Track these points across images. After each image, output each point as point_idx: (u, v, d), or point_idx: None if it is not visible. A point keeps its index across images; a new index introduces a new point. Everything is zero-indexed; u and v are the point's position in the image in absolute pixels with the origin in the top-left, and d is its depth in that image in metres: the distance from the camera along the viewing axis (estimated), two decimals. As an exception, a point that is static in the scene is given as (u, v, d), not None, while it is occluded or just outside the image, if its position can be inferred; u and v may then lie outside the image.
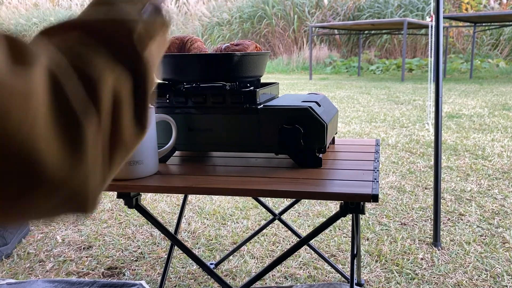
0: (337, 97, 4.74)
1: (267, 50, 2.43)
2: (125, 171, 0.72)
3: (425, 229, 1.47)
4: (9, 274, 1.25)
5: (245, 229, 1.51)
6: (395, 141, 2.66)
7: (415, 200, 1.73)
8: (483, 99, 4.35)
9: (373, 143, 0.96)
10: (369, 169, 0.76)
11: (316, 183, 0.69)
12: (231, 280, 1.20)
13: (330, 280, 1.19)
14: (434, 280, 1.17)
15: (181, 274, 1.23)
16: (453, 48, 8.63)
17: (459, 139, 2.70)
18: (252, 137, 0.79)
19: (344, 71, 8.46)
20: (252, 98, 0.78)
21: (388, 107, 4.01)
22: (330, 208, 1.67)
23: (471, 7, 8.68)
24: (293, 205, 1.20)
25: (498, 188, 1.84)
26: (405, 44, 6.16)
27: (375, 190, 0.65)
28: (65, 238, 1.47)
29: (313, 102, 0.80)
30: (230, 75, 0.80)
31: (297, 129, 0.75)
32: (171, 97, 0.82)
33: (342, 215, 0.68)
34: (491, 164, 2.18)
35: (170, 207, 1.72)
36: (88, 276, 1.24)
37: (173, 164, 0.83)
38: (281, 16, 10.05)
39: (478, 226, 1.49)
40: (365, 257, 1.30)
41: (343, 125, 3.22)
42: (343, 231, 1.47)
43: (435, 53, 1.34)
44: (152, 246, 1.40)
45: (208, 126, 0.81)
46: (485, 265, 1.24)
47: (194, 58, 0.80)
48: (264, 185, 0.69)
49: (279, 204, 1.74)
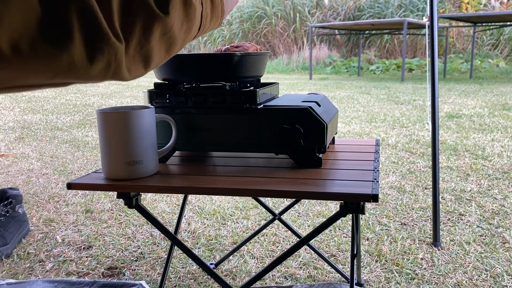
0: (337, 97, 4.74)
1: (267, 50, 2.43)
2: (125, 171, 0.72)
3: (425, 229, 1.47)
4: (9, 274, 1.25)
5: (245, 229, 1.51)
6: (395, 141, 2.66)
7: (415, 200, 1.73)
8: (483, 99, 4.35)
9: (373, 143, 0.96)
10: (369, 169, 0.76)
11: (316, 183, 0.69)
12: (231, 280, 1.20)
13: (330, 280, 1.19)
14: (434, 280, 1.17)
15: (181, 274, 1.23)
16: (453, 48, 8.63)
17: (459, 139, 2.70)
18: (252, 137, 0.79)
19: (344, 71, 8.46)
20: (252, 98, 0.78)
21: (388, 107, 4.01)
22: (330, 208, 1.67)
23: (471, 7, 8.67)
24: (293, 205, 1.21)
25: (498, 188, 1.84)
26: (405, 44, 6.16)
27: (375, 190, 0.65)
28: (65, 238, 1.47)
29: (313, 102, 0.80)
30: (230, 75, 0.80)
31: (297, 129, 0.75)
32: (171, 97, 0.82)
33: (342, 215, 0.68)
34: (491, 164, 2.18)
35: (170, 207, 1.72)
36: (88, 276, 1.24)
37: (173, 164, 0.83)
38: (281, 16, 10.05)
39: (478, 226, 1.49)
40: (365, 257, 1.30)
41: (343, 125, 3.22)
42: (343, 231, 1.47)
43: (431, 52, 1.34)
44: (152, 246, 1.40)
45: (208, 126, 0.81)
46: (485, 265, 1.24)
47: (194, 58, 0.80)
48: (264, 185, 0.69)
49: (279, 204, 1.74)
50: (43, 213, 1.68)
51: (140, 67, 0.37)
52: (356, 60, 8.61)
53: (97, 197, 1.84)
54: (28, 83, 0.31)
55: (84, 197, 1.84)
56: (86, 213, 1.67)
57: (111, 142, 0.71)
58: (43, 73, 0.29)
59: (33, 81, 0.30)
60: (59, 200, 1.81)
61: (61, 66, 0.30)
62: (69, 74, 0.31)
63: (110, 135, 0.71)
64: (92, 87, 6.25)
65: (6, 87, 0.30)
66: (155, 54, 0.37)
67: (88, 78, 0.33)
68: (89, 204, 1.76)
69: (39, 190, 1.93)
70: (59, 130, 3.22)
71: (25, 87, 0.31)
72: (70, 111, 4.10)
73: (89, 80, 0.33)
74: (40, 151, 2.61)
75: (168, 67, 0.81)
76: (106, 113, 0.71)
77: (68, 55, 0.29)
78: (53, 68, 0.29)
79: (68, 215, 1.66)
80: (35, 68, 0.29)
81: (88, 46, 0.30)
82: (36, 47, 0.28)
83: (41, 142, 2.86)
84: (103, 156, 0.73)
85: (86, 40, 0.30)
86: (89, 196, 1.85)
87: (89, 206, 1.74)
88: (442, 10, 8.81)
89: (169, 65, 0.81)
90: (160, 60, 0.39)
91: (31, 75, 0.29)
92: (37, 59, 0.28)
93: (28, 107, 4.39)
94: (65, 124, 3.47)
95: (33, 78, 0.30)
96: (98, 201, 1.79)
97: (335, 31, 8.30)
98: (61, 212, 1.69)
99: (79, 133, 3.10)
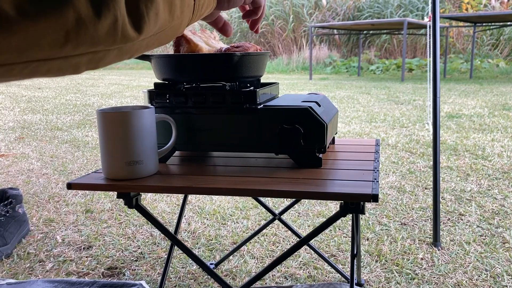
0: (337, 97, 4.74)
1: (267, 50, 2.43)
2: (125, 171, 0.72)
3: (425, 229, 1.47)
4: (9, 274, 1.25)
5: (245, 229, 1.51)
6: (395, 141, 2.66)
7: (415, 200, 1.73)
8: (483, 99, 4.35)
9: (373, 143, 0.96)
10: (369, 169, 0.76)
11: (316, 183, 0.69)
12: (231, 280, 1.20)
13: (330, 280, 1.19)
14: (434, 280, 1.17)
15: (181, 274, 1.23)
16: (453, 48, 8.63)
17: (459, 139, 2.70)
18: (252, 137, 0.79)
19: (344, 71, 8.46)
20: (252, 98, 0.78)
21: (388, 107, 4.01)
22: (330, 208, 1.67)
23: (471, 7, 8.68)
24: (293, 205, 1.21)
25: (498, 188, 1.84)
26: (405, 44, 6.16)
27: (375, 190, 0.65)
28: (65, 238, 1.47)
29: (313, 102, 0.80)
30: (230, 75, 0.80)
31: (297, 129, 0.75)
32: (171, 97, 0.82)
33: (342, 215, 0.68)
34: (491, 164, 2.18)
35: (170, 207, 1.72)
36: (88, 276, 1.24)
37: (173, 164, 0.83)
38: (280, 17, 10.04)
39: (478, 226, 1.49)
40: (365, 257, 1.30)
41: (343, 125, 3.22)
42: (343, 231, 1.47)
43: (432, 52, 1.34)
44: (152, 246, 1.40)
45: (208, 126, 0.81)
46: (485, 265, 1.24)
47: (194, 58, 0.80)
48: (264, 185, 0.69)
49: (279, 204, 1.74)
50: (43, 213, 1.68)
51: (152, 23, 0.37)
52: (356, 60, 8.61)
53: (97, 197, 1.84)
54: (42, 55, 0.30)
55: (84, 197, 1.84)
56: (86, 213, 1.67)
57: (111, 142, 0.71)
58: (53, 33, 0.29)
59: (47, 51, 0.30)
60: (59, 200, 1.81)
61: (68, 23, 0.30)
62: (79, 33, 0.31)
63: (110, 135, 0.71)
64: (92, 87, 6.25)
65: (23, 61, 0.30)
66: (161, 11, 0.38)
67: (99, 39, 0.32)
68: (89, 204, 1.76)
69: (39, 190, 1.93)
70: (59, 130, 3.22)
71: (41, 60, 0.31)
72: (70, 111, 4.10)
73: (101, 41, 0.33)
74: (40, 151, 2.61)
75: (168, 67, 0.81)
76: (106, 113, 0.71)
77: (74, 10, 0.30)
78: (61, 26, 0.29)
79: (68, 215, 1.66)
80: (45, 29, 0.29)
81: (92, 0, 0.31)
82: (41, 5, 0.28)
83: (41, 142, 2.86)
84: (103, 156, 0.73)
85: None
86: (89, 196, 1.85)
87: (89, 206, 1.74)
88: (442, 10, 8.82)
89: (169, 65, 0.81)
90: (165, 20, 0.39)
91: (44, 40, 0.29)
92: (44, 18, 0.28)
93: (28, 107, 4.39)
94: (65, 124, 3.47)
95: (48, 45, 0.30)
96: (98, 201, 1.79)
97: (334, 31, 8.30)
98: (61, 212, 1.69)
99: (79, 133, 3.10)
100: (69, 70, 0.34)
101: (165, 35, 0.42)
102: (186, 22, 0.45)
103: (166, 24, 0.40)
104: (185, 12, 0.43)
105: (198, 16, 0.48)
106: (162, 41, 0.42)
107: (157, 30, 0.39)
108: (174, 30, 0.43)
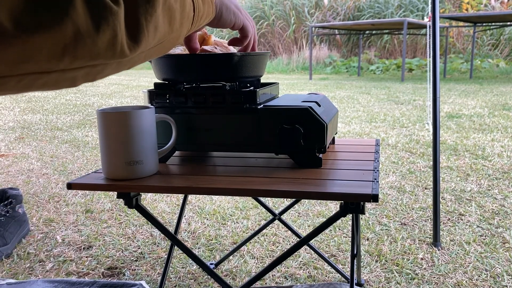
0: (337, 97, 4.74)
1: (267, 50, 2.43)
2: (125, 171, 0.72)
3: (425, 229, 1.47)
4: (9, 274, 1.25)
5: (245, 229, 1.51)
6: (395, 141, 2.66)
7: (415, 200, 1.73)
8: (483, 99, 4.35)
9: (373, 143, 0.96)
10: (369, 169, 0.76)
11: (316, 183, 0.69)
12: (231, 280, 1.20)
13: (330, 280, 1.19)
14: (434, 280, 1.17)
15: (181, 274, 1.23)
16: (453, 48, 8.63)
17: (459, 139, 2.70)
18: (252, 137, 0.79)
19: (344, 71, 8.46)
20: (252, 98, 0.78)
21: (388, 107, 4.01)
22: (330, 208, 1.67)
23: (471, 7, 8.67)
24: (293, 205, 1.20)
25: (498, 188, 1.84)
26: (405, 44, 6.16)
27: (375, 190, 0.65)
28: (65, 238, 1.47)
29: (313, 102, 0.80)
30: (230, 75, 0.80)
31: (297, 129, 0.75)
32: (171, 97, 0.82)
33: (342, 215, 0.68)
34: (491, 164, 2.18)
35: (170, 207, 1.72)
36: (88, 276, 1.24)
37: (173, 164, 0.83)
38: (280, 17, 10.04)
39: (478, 226, 1.49)
40: (365, 257, 1.30)
41: (343, 125, 3.22)
42: (343, 231, 1.47)
43: (432, 52, 1.34)
44: (152, 246, 1.40)
45: (208, 126, 0.81)
46: (485, 265, 1.24)
47: (194, 58, 0.80)
48: (264, 185, 0.69)
49: (279, 204, 1.74)
50: (43, 213, 1.68)
51: (151, 36, 0.36)
52: (356, 60, 8.61)
53: (97, 197, 1.84)
54: (39, 68, 0.30)
55: (84, 197, 1.84)
56: (86, 213, 1.67)
57: (111, 142, 0.71)
58: (50, 47, 0.29)
59: (44, 65, 0.29)
60: (59, 200, 1.81)
61: (67, 37, 0.29)
62: (77, 47, 0.30)
63: (110, 135, 0.71)
64: (92, 87, 6.25)
65: (19, 73, 0.29)
66: (160, 24, 0.37)
67: (98, 53, 0.32)
68: (89, 204, 1.76)
69: (39, 190, 1.93)
70: (59, 130, 3.22)
71: (38, 73, 0.30)
72: (70, 111, 4.10)
73: (99, 56, 0.32)
74: (40, 151, 2.61)
75: (168, 67, 0.81)
76: (106, 113, 0.71)
77: (72, 24, 0.29)
78: (59, 40, 0.29)
79: (68, 215, 1.66)
80: (43, 42, 0.28)
81: (92, 14, 0.30)
82: (38, 18, 0.27)
83: (41, 142, 2.86)
84: (103, 156, 0.73)
85: (89, 7, 0.30)
86: (89, 196, 1.85)
87: (89, 206, 1.74)
88: (442, 10, 8.82)
89: (169, 65, 0.81)
90: (165, 33, 0.39)
91: (41, 53, 0.28)
92: (42, 31, 0.28)
93: (28, 107, 4.39)
94: (65, 124, 3.47)
95: (44, 58, 0.29)
96: (98, 201, 1.79)
97: (335, 31, 8.30)
98: (61, 212, 1.69)
99: (79, 133, 3.10)
100: (66, 83, 0.33)
101: (163, 47, 0.41)
102: (184, 33, 0.45)
103: (166, 36, 0.39)
104: (184, 24, 0.43)
105: (196, 26, 0.48)
106: (161, 52, 0.42)
107: (156, 43, 0.38)
108: (173, 41, 0.43)
